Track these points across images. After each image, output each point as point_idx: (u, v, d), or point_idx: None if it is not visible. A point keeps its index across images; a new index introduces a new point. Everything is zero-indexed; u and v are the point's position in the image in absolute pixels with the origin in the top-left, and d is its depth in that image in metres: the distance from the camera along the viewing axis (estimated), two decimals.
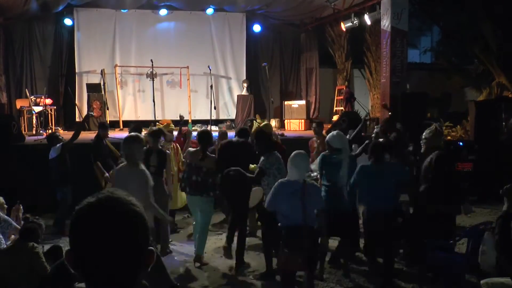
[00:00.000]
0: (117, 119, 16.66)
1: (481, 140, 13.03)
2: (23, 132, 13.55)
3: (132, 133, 6.83)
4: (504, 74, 16.70)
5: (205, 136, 7.72)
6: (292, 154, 5.94)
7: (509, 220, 4.00)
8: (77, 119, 16.20)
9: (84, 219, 1.45)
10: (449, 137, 14.16)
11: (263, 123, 10.42)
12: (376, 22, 15.13)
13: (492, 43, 17.34)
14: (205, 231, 7.88)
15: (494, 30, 17.41)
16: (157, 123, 10.80)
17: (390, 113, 12.46)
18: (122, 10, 17.09)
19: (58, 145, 9.27)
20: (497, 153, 12.40)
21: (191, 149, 8.03)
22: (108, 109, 16.02)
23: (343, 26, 16.68)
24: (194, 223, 8.13)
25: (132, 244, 1.46)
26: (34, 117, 14.57)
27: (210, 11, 17.36)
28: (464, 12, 19.61)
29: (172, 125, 10.31)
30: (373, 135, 9.45)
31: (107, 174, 9.47)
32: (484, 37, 17.75)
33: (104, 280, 1.44)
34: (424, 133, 7.57)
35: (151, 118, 15.12)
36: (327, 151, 7.39)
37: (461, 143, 13.02)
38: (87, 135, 12.09)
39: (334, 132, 7.41)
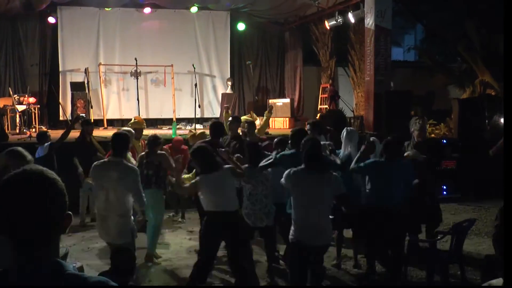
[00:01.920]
0: (101, 117, 16.58)
1: (464, 138, 13.12)
2: (6, 131, 13.44)
3: None
4: (490, 72, 16.80)
5: (151, 140, 8.00)
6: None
7: None
8: (61, 118, 16.14)
9: (1, 190, 1.78)
10: (433, 135, 14.26)
11: (199, 132, 10.36)
12: (360, 20, 15.17)
13: (475, 41, 17.45)
14: (157, 230, 7.91)
15: (477, 28, 17.52)
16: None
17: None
18: (106, 9, 17.00)
19: (46, 144, 9.19)
20: (480, 151, 12.48)
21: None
22: (92, 107, 15.94)
23: (327, 25, 16.72)
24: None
25: (43, 209, 1.78)
26: (17, 116, 14.43)
27: (194, 9, 17.28)
28: (448, 11, 19.74)
29: (143, 124, 10.27)
30: None
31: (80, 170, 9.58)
32: (467, 35, 17.86)
33: (21, 239, 1.78)
34: (414, 126, 8.02)
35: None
36: None
37: (444, 141, 13.10)
38: (73, 134, 12.00)
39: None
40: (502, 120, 12.92)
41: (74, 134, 10.30)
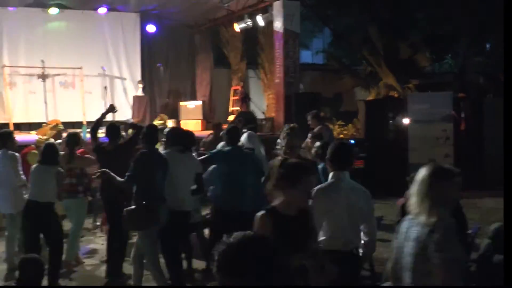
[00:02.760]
0: (7, 121, 15.97)
1: (370, 138, 13.61)
2: None
3: None
4: (392, 75, 17.49)
5: (71, 138, 7.61)
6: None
7: None
8: None
9: None
10: (341, 135, 14.70)
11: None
12: (269, 23, 15.41)
13: (379, 46, 18.13)
14: (76, 236, 7.67)
15: (380, 33, 18.21)
16: (44, 124, 10.53)
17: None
18: (9, 8, 16.38)
19: None
20: (385, 150, 12.98)
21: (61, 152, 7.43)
22: None
23: (237, 27, 16.88)
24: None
25: None
26: None
27: (102, 10, 16.95)
28: (352, 16, 20.41)
29: (61, 125, 10.04)
30: None
31: None
32: (371, 39, 18.53)
33: None
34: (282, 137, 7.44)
35: (43, 120, 14.78)
36: None
37: (352, 141, 13.49)
38: None
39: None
40: (404, 121, 13.49)
41: None
